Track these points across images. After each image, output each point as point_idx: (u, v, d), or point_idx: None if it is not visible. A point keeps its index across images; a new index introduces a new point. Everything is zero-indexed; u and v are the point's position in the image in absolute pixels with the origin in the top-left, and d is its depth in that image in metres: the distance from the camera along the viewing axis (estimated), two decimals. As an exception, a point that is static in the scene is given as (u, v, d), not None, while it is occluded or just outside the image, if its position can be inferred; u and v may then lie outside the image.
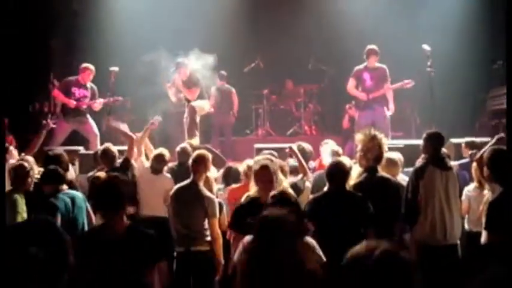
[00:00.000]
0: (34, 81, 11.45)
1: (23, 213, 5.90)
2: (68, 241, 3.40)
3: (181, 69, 10.39)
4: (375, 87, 10.16)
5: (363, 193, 5.55)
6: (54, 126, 9.03)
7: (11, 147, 7.84)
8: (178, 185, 6.43)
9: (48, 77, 12.01)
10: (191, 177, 6.31)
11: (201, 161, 6.31)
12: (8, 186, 5.97)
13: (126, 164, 7.40)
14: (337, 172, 5.54)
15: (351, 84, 10.31)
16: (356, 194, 5.63)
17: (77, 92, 10.20)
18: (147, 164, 7.58)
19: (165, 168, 7.54)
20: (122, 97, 10.53)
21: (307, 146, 7.44)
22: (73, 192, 6.08)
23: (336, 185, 5.52)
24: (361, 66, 10.28)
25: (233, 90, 12.23)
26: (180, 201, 6.23)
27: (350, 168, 6.55)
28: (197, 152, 6.56)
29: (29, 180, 6.18)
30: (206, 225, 6.15)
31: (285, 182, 5.78)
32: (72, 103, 10.10)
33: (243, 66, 13.40)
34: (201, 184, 6.28)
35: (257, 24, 13.47)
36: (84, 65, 10.31)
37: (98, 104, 10.28)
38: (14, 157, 7.47)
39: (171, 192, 6.41)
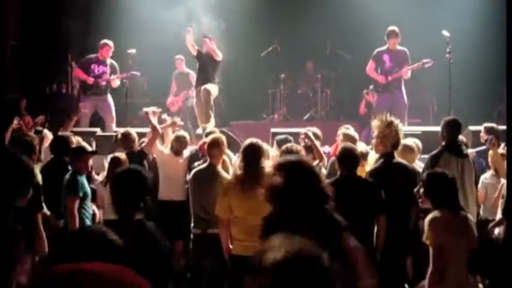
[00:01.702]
0: (51, 62, 11.49)
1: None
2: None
3: (211, 39, 10.43)
4: (394, 69, 10.12)
5: (379, 179, 5.55)
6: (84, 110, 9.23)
7: (46, 130, 7.89)
8: (196, 168, 6.47)
9: (65, 58, 12.05)
10: (208, 160, 6.33)
11: (215, 145, 6.31)
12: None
13: (143, 155, 7.38)
14: (347, 158, 5.55)
15: (371, 66, 10.30)
16: (368, 180, 5.64)
17: (96, 68, 10.31)
18: (165, 150, 7.60)
19: (185, 150, 7.57)
20: (140, 75, 10.52)
21: (318, 131, 7.42)
22: None
23: (348, 170, 5.53)
24: (382, 48, 10.26)
25: (192, 73, 11.73)
26: (199, 184, 6.27)
27: (366, 154, 6.54)
28: (211, 136, 6.58)
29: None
30: None
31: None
32: (90, 79, 10.20)
33: (261, 50, 13.34)
34: (219, 167, 6.30)
35: (275, 8, 13.40)
36: (103, 41, 10.45)
37: (116, 79, 10.32)
38: (49, 140, 7.56)
39: (190, 176, 6.45)
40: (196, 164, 6.84)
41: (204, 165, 6.40)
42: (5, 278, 2.37)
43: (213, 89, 10.39)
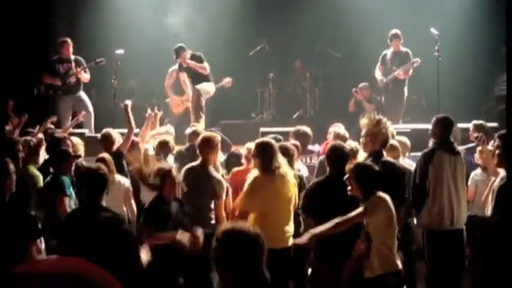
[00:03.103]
0: (39, 63, 11.38)
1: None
2: None
3: (183, 52, 10.33)
4: (392, 71, 10.57)
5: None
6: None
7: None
8: (187, 166, 6.40)
9: (53, 59, 11.97)
10: (200, 159, 6.27)
11: (208, 143, 6.26)
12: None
13: (120, 154, 7.27)
14: (336, 156, 5.55)
15: (379, 67, 10.79)
16: None
17: (60, 68, 10.19)
18: (151, 151, 7.56)
19: (170, 154, 7.51)
20: (104, 62, 10.38)
21: (307, 130, 7.40)
22: None
23: (336, 169, 5.53)
24: (387, 51, 10.71)
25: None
26: (189, 182, 6.19)
27: (356, 151, 6.51)
28: (204, 134, 6.53)
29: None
30: (212, 208, 6.13)
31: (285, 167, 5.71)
32: (57, 81, 10.09)
33: (249, 49, 13.30)
34: (211, 166, 6.26)
35: (263, 7, 13.37)
36: (61, 38, 10.36)
37: (82, 71, 10.16)
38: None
39: (181, 174, 6.41)
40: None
41: (195, 163, 6.32)
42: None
43: (207, 88, 10.34)
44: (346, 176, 5.09)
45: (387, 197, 4.95)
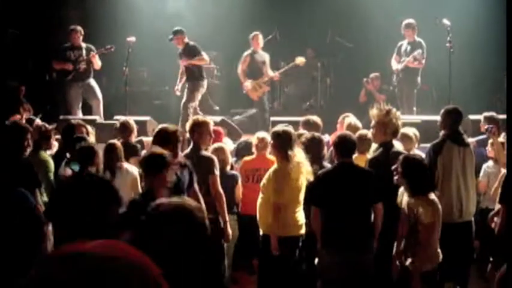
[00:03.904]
0: (52, 51, 11.44)
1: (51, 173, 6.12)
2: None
3: (178, 35, 10.25)
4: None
5: (378, 168, 5.53)
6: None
7: (38, 120, 7.86)
8: (182, 154, 6.37)
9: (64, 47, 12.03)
10: (191, 144, 6.23)
11: (196, 127, 6.17)
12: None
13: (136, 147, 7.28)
14: (343, 146, 5.55)
15: (395, 58, 10.80)
16: (364, 169, 5.63)
17: (71, 55, 10.24)
18: None
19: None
20: (114, 49, 10.37)
21: (317, 120, 7.39)
22: None
23: (343, 158, 5.52)
24: (402, 41, 10.70)
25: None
26: None
27: (370, 140, 6.47)
28: (192, 118, 6.50)
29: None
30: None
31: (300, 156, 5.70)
32: (69, 65, 10.14)
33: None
34: (203, 148, 6.16)
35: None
36: (71, 27, 10.39)
37: (92, 58, 10.21)
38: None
39: None
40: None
41: (187, 150, 6.25)
42: None
43: (196, 88, 10.18)
44: (395, 166, 5.16)
45: (436, 200, 5.08)
